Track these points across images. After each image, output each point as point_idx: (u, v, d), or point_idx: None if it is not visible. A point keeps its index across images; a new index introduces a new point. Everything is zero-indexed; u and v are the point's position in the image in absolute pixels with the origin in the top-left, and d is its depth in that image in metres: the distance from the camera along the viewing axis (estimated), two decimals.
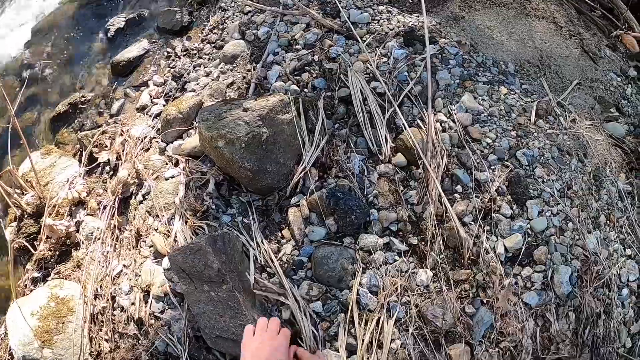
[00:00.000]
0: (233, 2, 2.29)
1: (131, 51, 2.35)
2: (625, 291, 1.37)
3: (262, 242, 1.28)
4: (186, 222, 1.42)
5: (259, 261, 1.27)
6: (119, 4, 2.81)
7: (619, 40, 2.13)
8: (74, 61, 2.55)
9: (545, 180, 1.37)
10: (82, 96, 2.28)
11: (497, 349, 1.20)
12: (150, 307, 1.36)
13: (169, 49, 2.28)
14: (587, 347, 1.30)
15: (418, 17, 1.75)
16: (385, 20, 1.74)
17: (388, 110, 1.38)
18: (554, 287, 1.26)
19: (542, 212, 1.31)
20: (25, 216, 1.77)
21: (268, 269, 1.26)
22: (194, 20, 2.43)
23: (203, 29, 2.29)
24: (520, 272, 1.25)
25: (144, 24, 2.60)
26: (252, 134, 1.29)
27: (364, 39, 1.66)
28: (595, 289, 1.31)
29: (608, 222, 1.42)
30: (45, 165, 1.89)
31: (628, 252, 1.42)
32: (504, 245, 1.25)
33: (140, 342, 1.34)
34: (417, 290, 1.21)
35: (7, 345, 1.41)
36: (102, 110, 2.20)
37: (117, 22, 2.57)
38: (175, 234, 1.41)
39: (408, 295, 1.21)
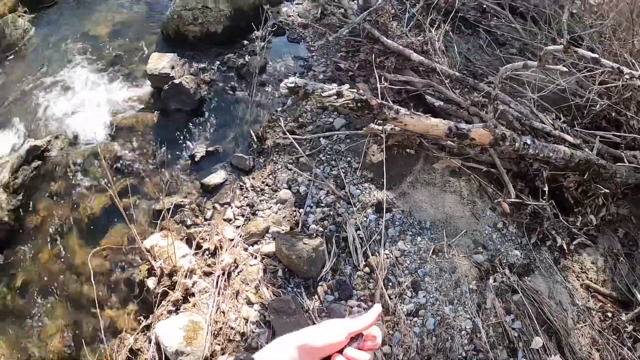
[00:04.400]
0: (280, 158, 4.53)
1: (215, 178, 4.40)
2: (463, 332, 3.50)
3: (306, 299, 3.40)
4: (267, 288, 3.55)
5: (305, 307, 3.39)
6: (190, 130, 4.92)
7: (499, 205, 4.40)
8: (163, 168, 4.46)
9: (429, 282, 3.54)
10: (181, 200, 4.33)
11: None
12: (248, 327, 3.43)
13: (241, 183, 4.41)
14: (441, 352, 3.42)
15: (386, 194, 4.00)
16: (367, 194, 3.97)
17: (364, 247, 3.57)
18: (427, 326, 3.39)
19: (425, 296, 3.47)
20: (163, 275, 3.84)
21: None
22: (255, 165, 4.61)
23: (262, 174, 4.47)
24: (416, 319, 3.39)
25: (218, 156, 4.71)
26: (308, 255, 3.44)
27: (356, 204, 3.87)
28: (446, 330, 3.44)
29: (458, 302, 3.58)
30: (165, 244, 3.95)
31: (467, 315, 3.57)
32: (406, 308, 3.39)
33: (240, 344, 3.40)
34: None
35: (158, 344, 3.36)
36: (197, 214, 4.28)
37: (200, 150, 4.67)
38: (263, 293, 3.53)
39: None
